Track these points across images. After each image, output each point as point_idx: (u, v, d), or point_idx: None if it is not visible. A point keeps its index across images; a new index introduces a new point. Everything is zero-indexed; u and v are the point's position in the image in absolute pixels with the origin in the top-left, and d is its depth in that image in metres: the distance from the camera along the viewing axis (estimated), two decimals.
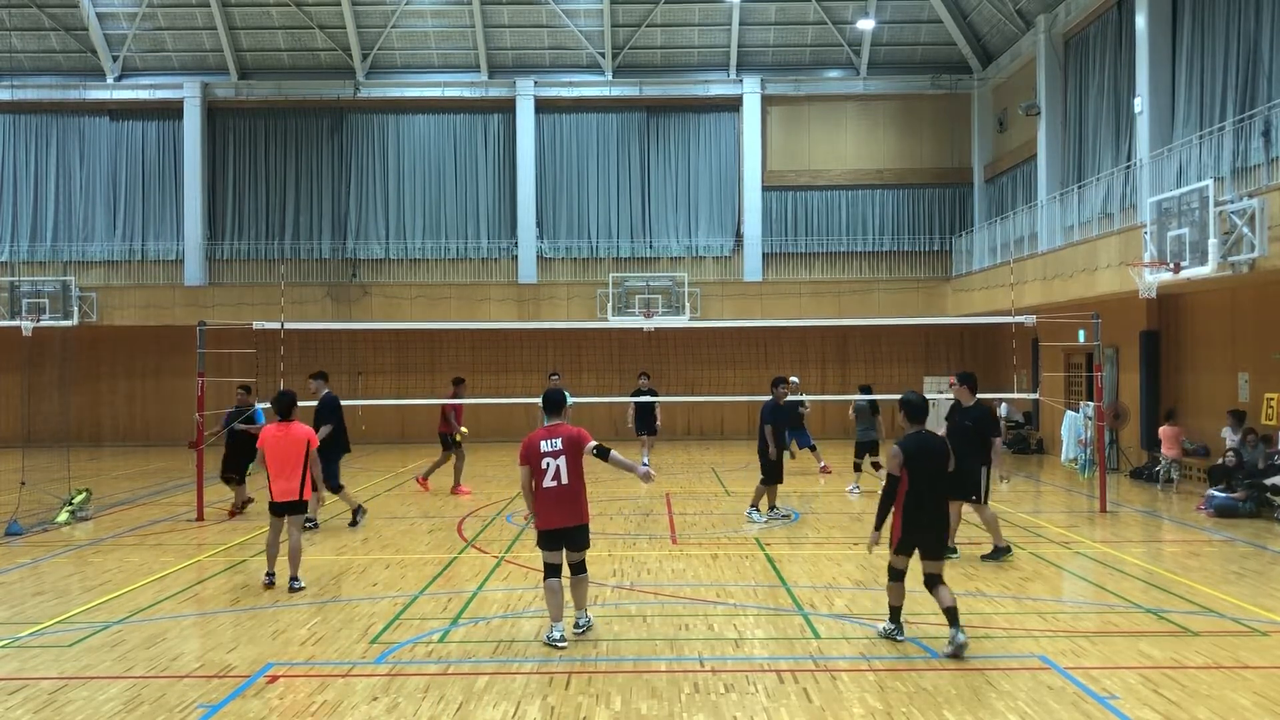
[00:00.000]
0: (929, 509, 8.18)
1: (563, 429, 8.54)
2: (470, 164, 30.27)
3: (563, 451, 8.42)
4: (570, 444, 8.45)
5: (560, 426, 8.57)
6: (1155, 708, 6.84)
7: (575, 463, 8.46)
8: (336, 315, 28.27)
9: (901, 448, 8.23)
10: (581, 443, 8.48)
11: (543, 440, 8.48)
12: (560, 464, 8.39)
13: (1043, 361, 24.09)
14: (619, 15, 29.05)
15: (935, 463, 8.25)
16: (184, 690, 7.39)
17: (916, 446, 8.22)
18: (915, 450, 8.20)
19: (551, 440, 8.46)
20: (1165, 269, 16.14)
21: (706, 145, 30.16)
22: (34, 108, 30.12)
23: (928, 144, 29.96)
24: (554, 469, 8.39)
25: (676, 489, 18.24)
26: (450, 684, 7.51)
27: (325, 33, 29.45)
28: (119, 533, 14.12)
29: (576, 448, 8.46)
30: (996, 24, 27.23)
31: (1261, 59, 16.93)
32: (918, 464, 8.16)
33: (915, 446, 8.22)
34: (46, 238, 30.04)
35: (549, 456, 8.41)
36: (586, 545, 8.64)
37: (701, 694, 7.24)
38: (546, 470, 8.40)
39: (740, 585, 10.60)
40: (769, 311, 28.09)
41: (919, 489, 8.15)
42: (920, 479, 8.15)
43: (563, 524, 8.47)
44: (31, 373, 27.36)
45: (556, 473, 8.40)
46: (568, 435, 8.48)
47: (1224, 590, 10.17)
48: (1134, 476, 19.15)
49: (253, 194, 30.27)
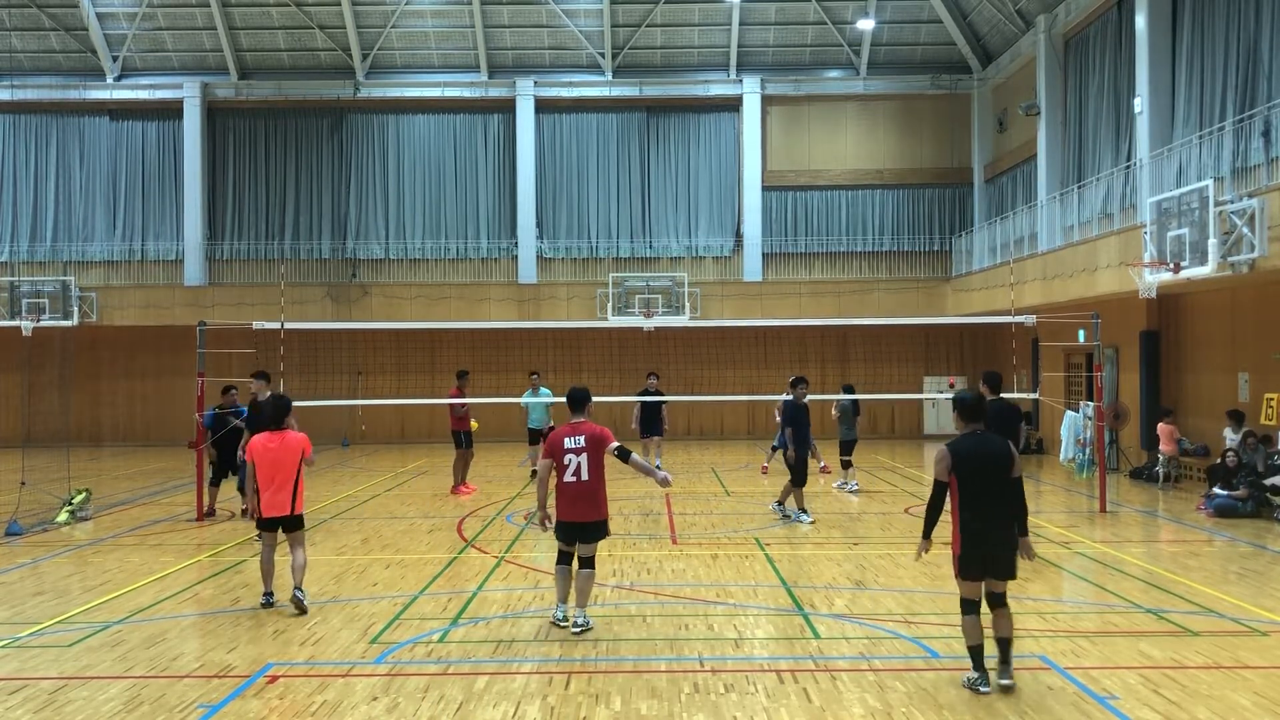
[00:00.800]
0: (991, 522, 7.15)
1: (586, 426, 8.79)
2: (470, 164, 30.28)
3: (585, 449, 8.67)
4: (593, 442, 8.70)
5: (584, 424, 8.82)
6: (1155, 708, 6.84)
7: (596, 460, 8.71)
8: (336, 315, 28.28)
9: (950, 449, 7.27)
10: (604, 442, 8.73)
11: (567, 437, 8.72)
12: (582, 460, 8.65)
13: (1043, 361, 24.10)
14: (619, 15, 29.05)
15: (993, 467, 7.21)
16: (184, 690, 7.39)
17: (969, 448, 7.24)
18: (967, 453, 7.23)
19: (575, 437, 8.71)
20: (1165, 269, 16.15)
21: (706, 145, 30.17)
22: (34, 108, 30.13)
23: (928, 144, 29.97)
24: (575, 465, 8.65)
25: (677, 489, 18.23)
26: (450, 684, 7.51)
27: (325, 33, 29.45)
28: (119, 533, 14.11)
29: (599, 446, 8.71)
30: (996, 24, 27.23)
31: (1261, 59, 16.93)
32: (970, 468, 7.19)
33: (968, 448, 7.24)
34: (46, 238, 30.04)
35: (571, 453, 8.66)
36: (598, 538, 8.84)
37: (701, 694, 7.23)
38: (568, 466, 8.66)
39: (740, 585, 10.60)
40: (769, 311, 28.10)
41: (974, 497, 7.18)
42: (974, 485, 7.19)
43: (579, 518, 8.72)
44: (31, 373, 27.36)
45: (577, 469, 8.66)
46: (591, 433, 8.73)
47: (1224, 590, 10.17)
48: (1134, 476, 19.15)
49: (253, 194, 30.27)
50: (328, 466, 22.87)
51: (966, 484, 7.20)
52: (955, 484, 7.22)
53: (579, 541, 8.81)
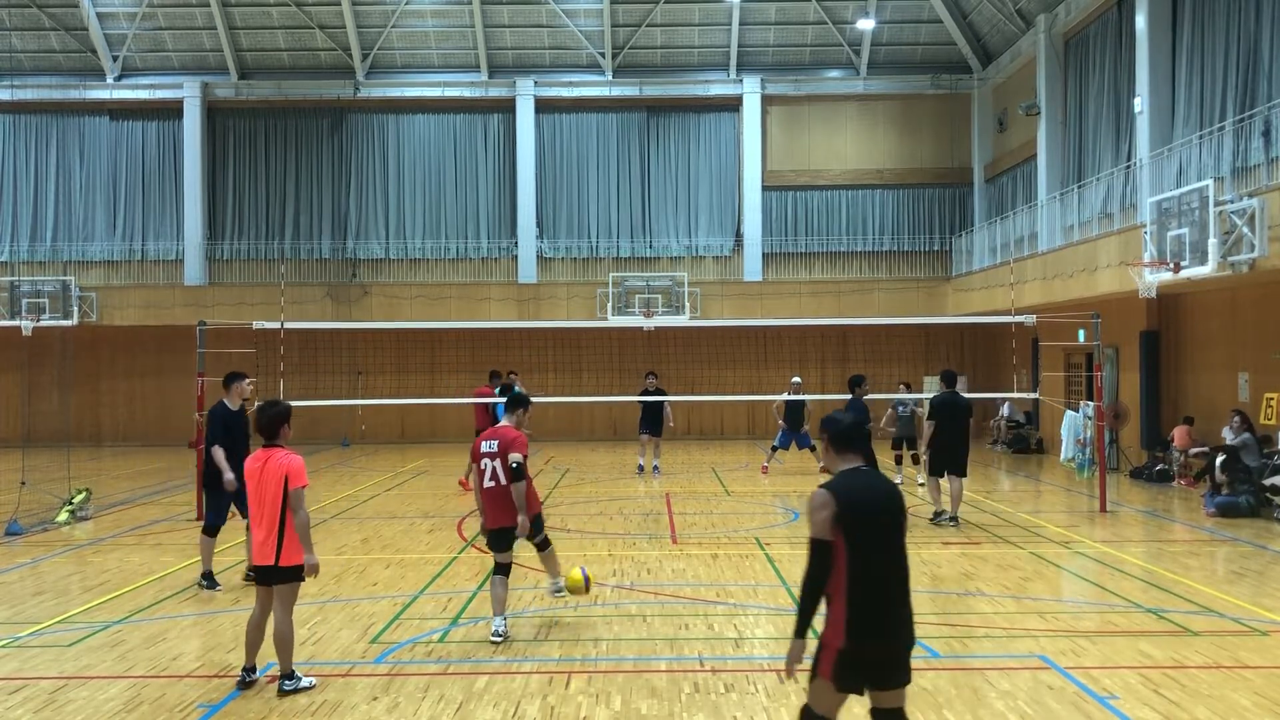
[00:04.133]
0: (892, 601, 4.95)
1: (503, 430, 8.69)
2: (470, 164, 30.27)
3: (497, 454, 8.54)
4: (503, 446, 8.54)
5: (503, 428, 8.73)
6: (1155, 708, 6.84)
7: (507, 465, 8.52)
8: (336, 315, 28.26)
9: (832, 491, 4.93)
10: (510, 449, 8.50)
11: (485, 440, 8.67)
12: (496, 465, 8.53)
13: (1043, 361, 24.10)
14: (619, 15, 29.04)
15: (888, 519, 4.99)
16: (184, 690, 7.39)
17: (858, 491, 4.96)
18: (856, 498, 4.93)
19: (490, 441, 8.63)
20: (1165, 269, 16.14)
21: (706, 145, 30.16)
22: (34, 108, 30.10)
23: (928, 144, 29.96)
24: (490, 470, 8.55)
25: (676, 489, 18.23)
26: (450, 684, 7.51)
27: (325, 33, 29.44)
28: (119, 533, 14.11)
29: (507, 451, 8.52)
30: (996, 24, 27.23)
31: (1261, 59, 16.92)
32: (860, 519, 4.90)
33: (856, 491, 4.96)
34: (46, 238, 30.03)
35: (486, 458, 8.58)
36: (508, 548, 8.67)
37: (701, 694, 7.24)
38: (485, 471, 8.58)
39: (740, 585, 10.60)
40: (769, 311, 28.09)
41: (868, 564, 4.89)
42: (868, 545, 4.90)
43: (504, 524, 8.59)
44: (31, 373, 27.36)
45: (494, 473, 8.55)
46: (503, 438, 8.58)
47: (1224, 590, 10.17)
48: (1134, 476, 19.15)
49: (253, 194, 30.26)
50: (328, 466, 22.87)
51: (857, 544, 4.85)
52: (841, 544, 4.85)
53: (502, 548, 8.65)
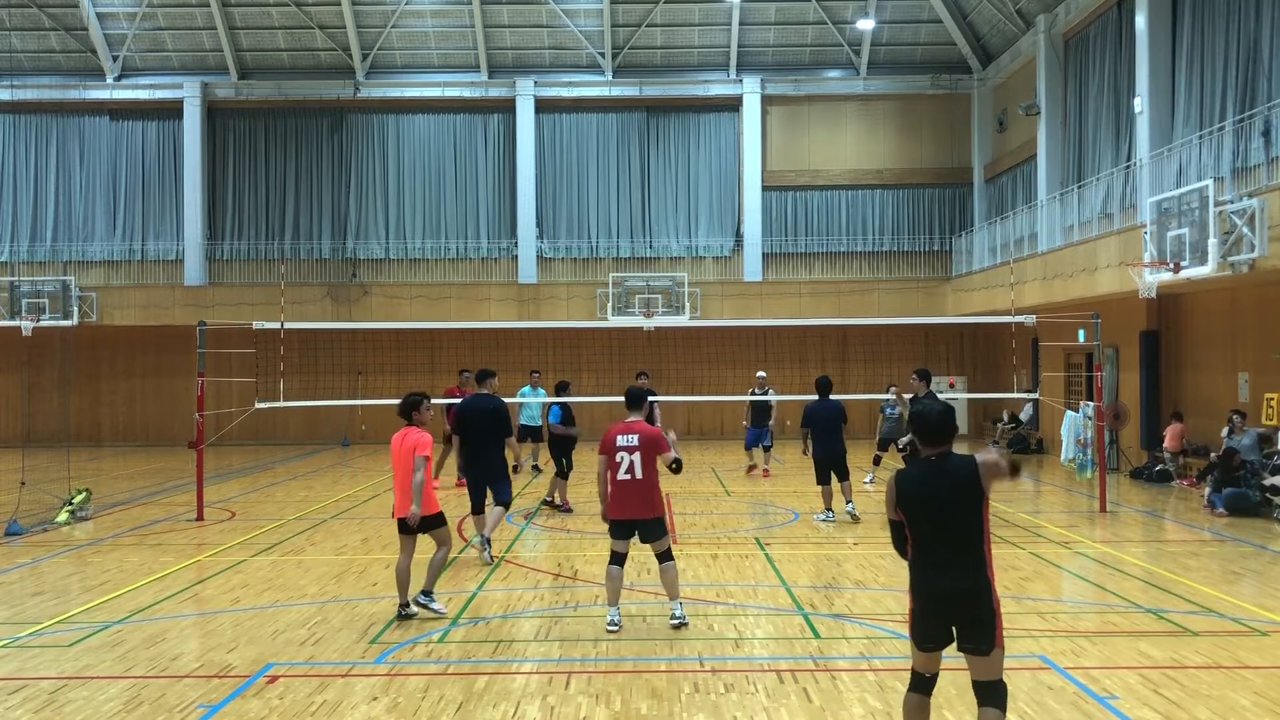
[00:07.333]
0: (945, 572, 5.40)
1: (639, 425, 8.94)
2: (470, 164, 30.27)
3: (637, 447, 8.80)
4: (646, 442, 8.83)
5: (637, 423, 8.98)
6: (1155, 708, 6.84)
7: (648, 459, 8.84)
8: (336, 315, 28.27)
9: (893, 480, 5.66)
10: (657, 447, 8.85)
11: (620, 435, 8.88)
12: (635, 459, 8.79)
13: (1043, 361, 24.09)
14: (619, 15, 29.04)
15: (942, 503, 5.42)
16: (184, 690, 7.39)
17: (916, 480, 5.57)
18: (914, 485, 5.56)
19: (629, 435, 8.86)
20: (1165, 269, 16.15)
21: (706, 145, 30.16)
22: (34, 108, 30.11)
23: (927, 144, 29.97)
24: (628, 463, 8.80)
25: (676, 489, 18.23)
26: (450, 684, 7.51)
27: (325, 33, 29.44)
28: (119, 533, 14.11)
29: (651, 448, 8.84)
30: (996, 24, 27.22)
31: (1261, 59, 16.92)
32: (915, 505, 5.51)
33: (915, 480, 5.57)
34: (46, 238, 30.03)
35: (624, 451, 8.81)
36: (658, 536, 8.89)
37: (701, 694, 7.23)
38: (620, 463, 8.81)
39: (740, 585, 10.60)
40: (769, 311, 28.10)
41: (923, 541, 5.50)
42: (923, 527, 5.49)
43: (630, 516, 8.84)
44: (31, 373, 27.37)
45: (630, 467, 8.79)
46: (644, 433, 8.86)
47: (1224, 590, 10.17)
48: (1134, 476, 19.15)
49: (253, 194, 30.26)
50: (328, 466, 22.88)
51: (913, 524, 5.51)
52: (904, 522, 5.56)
53: (642, 541, 8.93)
